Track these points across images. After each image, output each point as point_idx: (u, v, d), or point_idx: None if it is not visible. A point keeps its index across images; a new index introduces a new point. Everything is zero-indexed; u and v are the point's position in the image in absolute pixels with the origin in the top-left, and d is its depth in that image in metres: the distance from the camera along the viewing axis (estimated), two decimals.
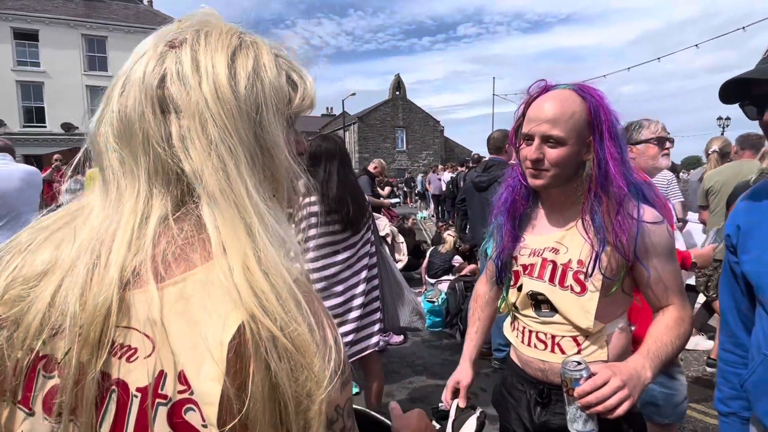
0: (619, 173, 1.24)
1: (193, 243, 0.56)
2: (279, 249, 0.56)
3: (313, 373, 0.51)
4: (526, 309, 1.40)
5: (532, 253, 1.38)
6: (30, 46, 23.99)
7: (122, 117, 0.58)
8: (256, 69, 0.61)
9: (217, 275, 0.52)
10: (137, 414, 0.51)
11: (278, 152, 0.61)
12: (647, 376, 1.15)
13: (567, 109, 1.24)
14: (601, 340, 1.30)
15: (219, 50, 0.59)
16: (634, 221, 1.25)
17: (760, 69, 1.04)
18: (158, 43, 0.60)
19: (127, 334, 0.53)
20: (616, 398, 1.08)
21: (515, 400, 1.45)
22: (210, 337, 0.50)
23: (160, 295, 0.52)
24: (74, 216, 0.61)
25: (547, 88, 1.31)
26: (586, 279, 1.27)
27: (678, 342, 1.26)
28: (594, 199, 1.26)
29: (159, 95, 0.57)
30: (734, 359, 1.26)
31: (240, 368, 0.49)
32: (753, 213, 1.18)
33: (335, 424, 0.56)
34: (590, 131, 1.26)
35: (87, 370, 0.51)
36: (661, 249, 1.28)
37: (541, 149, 1.27)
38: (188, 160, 0.56)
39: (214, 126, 0.56)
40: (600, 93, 1.29)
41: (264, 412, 0.49)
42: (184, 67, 0.57)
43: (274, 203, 0.60)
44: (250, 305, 0.50)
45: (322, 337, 0.54)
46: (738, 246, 1.20)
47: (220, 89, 0.57)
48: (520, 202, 1.43)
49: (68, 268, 0.55)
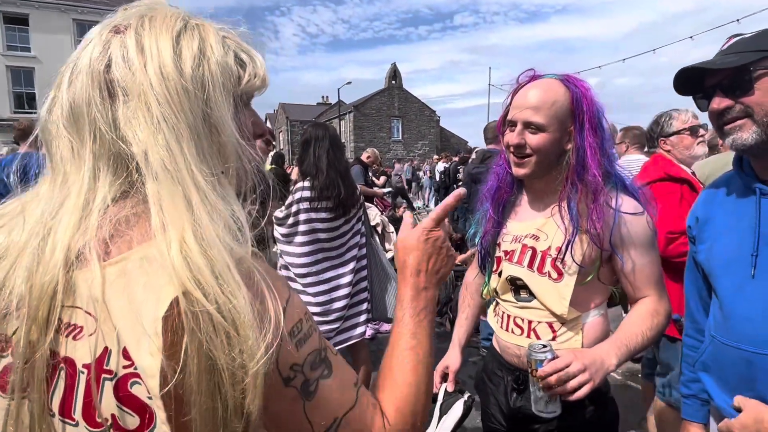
0: (595, 163, 1.27)
1: (137, 221, 0.57)
2: (218, 223, 0.56)
3: (247, 346, 0.52)
4: (506, 294, 1.43)
5: (514, 239, 1.41)
6: (20, 31, 23.60)
7: (71, 104, 0.59)
8: (202, 48, 0.62)
9: (154, 252, 0.54)
10: (84, 389, 0.53)
11: (225, 129, 0.62)
12: (611, 363, 1.19)
13: (549, 96, 1.27)
14: (576, 327, 1.33)
15: (163, 32, 0.60)
16: (611, 211, 1.27)
17: (716, 60, 1.06)
18: (103, 30, 0.62)
19: (72, 313, 0.54)
20: (576, 381, 1.12)
21: (494, 385, 1.50)
22: (146, 312, 0.51)
23: (102, 274, 0.54)
24: (27, 203, 0.62)
25: (535, 77, 1.34)
26: (564, 266, 1.30)
27: (650, 334, 1.28)
28: (571, 187, 1.29)
29: (106, 80, 0.59)
30: (695, 344, 1.31)
31: (174, 341, 0.51)
32: (709, 205, 1.23)
33: (293, 380, 0.59)
34: (572, 120, 1.28)
35: (36, 348, 0.53)
36: (638, 240, 1.29)
37: (522, 134, 1.30)
38: (135, 140, 0.57)
39: (158, 105, 0.57)
40: (586, 84, 1.32)
41: (199, 383, 0.51)
42: (129, 51, 0.59)
43: (221, 179, 0.61)
44: (183, 279, 0.51)
45: (259, 309, 0.55)
46: (696, 237, 1.25)
47: (164, 69, 0.58)
48: (505, 190, 1.46)
49: (18, 253, 0.57)
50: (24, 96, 23.96)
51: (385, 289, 2.85)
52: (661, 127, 2.55)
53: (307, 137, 2.64)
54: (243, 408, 0.53)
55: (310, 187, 2.53)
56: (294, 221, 2.52)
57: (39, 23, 23.63)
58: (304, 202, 2.51)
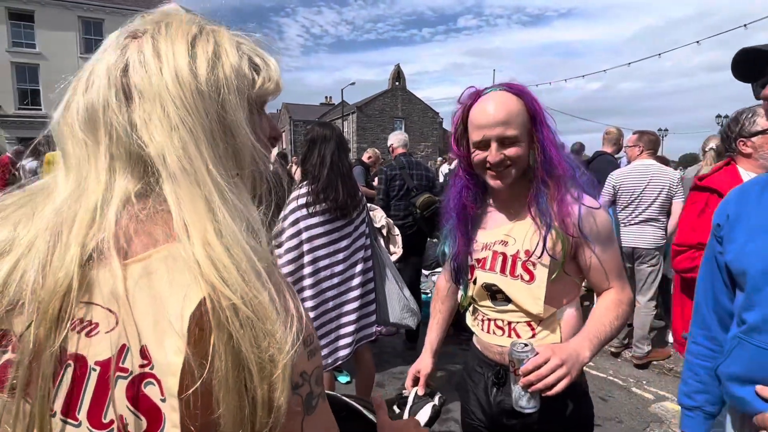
0: (560, 156, 1.33)
1: (155, 221, 0.57)
2: (239, 223, 0.57)
3: (275, 339, 0.53)
4: (484, 300, 1.48)
5: (484, 248, 1.46)
6: (25, 27, 23.65)
7: (88, 106, 0.60)
8: (217, 53, 0.63)
9: (179, 251, 0.54)
10: (95, 387, 0.52)
11: (240, 132, 0.63)
12: (585, 355, 1.24)
13: (512, 108, 1.31)
14: (553, 324, 1.39)
15: (179, 37, 0.62)
16: (576, 202, 1.32)
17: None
18: (120, 36, 0.64)
19: (88, 309, 0.53)
20: (554, 376, 1.16)
21: (474, 382, 1.54)
22: (172, 311, 0.51)
23: (125, 271, 0.53)
24: (33, 197, 0.62)
25: (479, 94, 1.36)
26: (534, 267, 1.35)
27: (617, 323, 1.35)
28: (541, 184, 1.33)
29: (123, 83, 0.60)
30: (704, 352, 1.27)
31: (202, 338, 0.51)
32: (742, 204, 1.18)
33: (300, 388, 0.60)
34: (531, 123, 1.33)
35: (44, 345, 0.52)
36: (601, 233, 1.35)
37: (500, 151, 1.31)
38: (152, 142, 0.58)
39: (174, 108, 0.58)
40: (526, 88, 1.36)
41: (227, 378, 0.51)
42: (146, 55, 0.60)
43: (237, 181, 0.62)
44: (210, 278, 0.52)
45: (283, 305, 0.56)
46: (724, 236, 1.20)
47: (180, 73, 0.59)
48: (470, 206, 1.48)
49: (26, 247, 0.56)
50: (28, 92, 23.99)
51: (387, 294, 2.81)
52: (741, 126, 2.12)
53: (313, 136, 2.58)
54: (272, 402, 0.53)
55: (305, 193, 2.48)
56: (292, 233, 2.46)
57: (44, 20, 23.69)
58: (302, 198, 2.45)
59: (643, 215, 3.95)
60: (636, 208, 3.96)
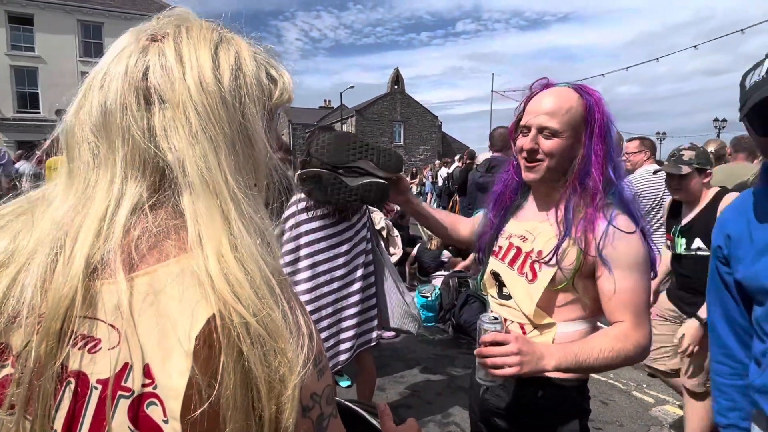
0: (599, 170, 1.28)
1: (168, 232, 0.55)
2: (255, 237, 0.56)
3: (286, 358, 0.51)
4: (492, 288, 1.49)
5: (507, 237, 1.46)
6: (24, 31, 23.64)
7: (103, 110, 0.57)
8: (238, 62, 0.62)
9: (191, 265, 0.52)
10: (96, 406, 0.50)
11: (258, 142, 0.62)
12: (548, 364, 1.16)
13: (564, 103, 1.29)
14: (548, 334, 1.33)
15: (202, 43, 0.60)
16: (604, 220, 1.26)
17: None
18: (140, 38, 0.61)
19: (91, 324, 0.52)
20: (502, 359, 1.14)
21: (474, 386, 1.55)
22: (179, 328, 0.49)
23: (130, 286, 0.51)
24: (33, 206, 0.60)
25: (549, 85, 1.36)
26: (539, 269, 1.33)
27: (609, 355, 1.21)
28: (572, 191, 1.31)
29: (143, 86, 0.57)
30: (727, 370, 1.26)
31: (210, 356, 0.49)
32: (740, 222, 1.18)
33: (311, 411, 0.57)
34: (584, 128, 1.30)
35: (46, 362, 0.50)
36: (622, 260, 1.23)
37: (536, 140, 1.31)
38: (171, 149, 0.56)
39: (197, 116, 0.56)
40: (597, 94, 1.33)
41: (235, 398, 0.49)
42: (168, 59, 0.58)
43: (253, 192, 0.61)
44: (223, 293, 0.50)
45: (296, 323, 0.54)
46: (729, 255, 1.19)
47: (204, 80, 0.58)
48: (508, 195, 1.50)
49: (26, 259, 0.54)
50: (27, 95, 23.94)
51: (387, 298, 2.80)
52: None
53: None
54: (279, 423, 0.51)
55: (304, 198, 2.48)
56: (294, 225, 2.46)
57: (44, 23, 23.68)
58: (301, 213, 2.46)
59: (662, 220, 3.92)
60: (656, 214, 3.89)
